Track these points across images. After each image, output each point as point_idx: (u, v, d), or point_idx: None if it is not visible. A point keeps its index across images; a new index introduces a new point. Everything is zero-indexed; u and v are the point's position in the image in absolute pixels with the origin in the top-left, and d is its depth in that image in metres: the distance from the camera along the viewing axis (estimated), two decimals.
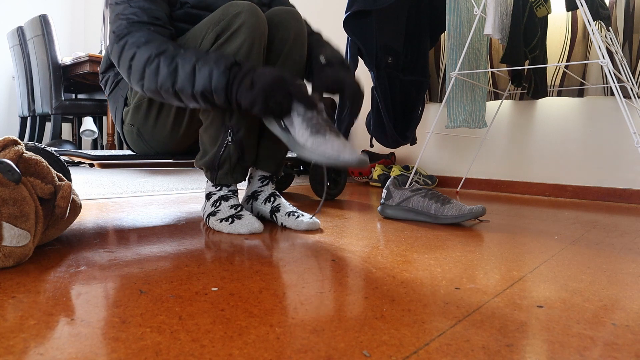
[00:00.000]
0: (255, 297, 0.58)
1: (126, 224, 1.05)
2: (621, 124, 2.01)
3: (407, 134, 2.21)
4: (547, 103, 2.21)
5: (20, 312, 0.49)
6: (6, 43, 3.88)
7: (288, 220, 1.05)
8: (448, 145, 2.52)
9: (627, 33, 1.93)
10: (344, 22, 1.91)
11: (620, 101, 1.41)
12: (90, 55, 2.75)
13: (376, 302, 0.57)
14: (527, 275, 0.73)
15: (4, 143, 0.72)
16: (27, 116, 3.25)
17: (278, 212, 1.08)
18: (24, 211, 0.65)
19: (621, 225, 1.31)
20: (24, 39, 3.07)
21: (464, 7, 1.85)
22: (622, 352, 0.45)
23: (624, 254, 0.91)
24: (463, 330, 0.49)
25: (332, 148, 0.81)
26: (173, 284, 0.61)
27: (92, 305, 0.52)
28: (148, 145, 1.16)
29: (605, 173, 2.05)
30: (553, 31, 2.12)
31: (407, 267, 0.75)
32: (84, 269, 0.67)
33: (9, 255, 0.63)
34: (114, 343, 0.43)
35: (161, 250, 0.80)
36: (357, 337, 0.46)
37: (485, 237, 1.05)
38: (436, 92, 2.50)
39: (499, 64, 2.25)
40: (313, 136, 0.84)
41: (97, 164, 1.04)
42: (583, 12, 1.46)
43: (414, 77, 2.21)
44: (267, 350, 0.43)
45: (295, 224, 1.03)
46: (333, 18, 2.88)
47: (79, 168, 2.65)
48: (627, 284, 0.69)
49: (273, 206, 1.09)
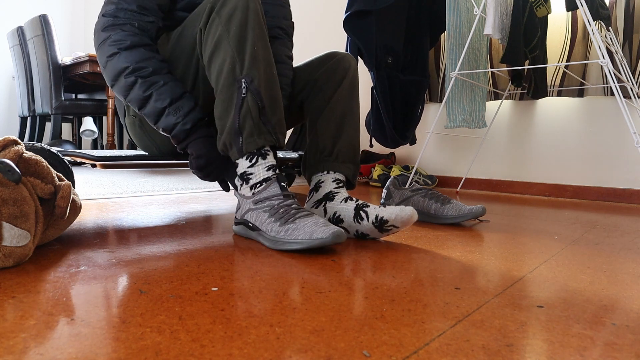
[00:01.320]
0: (255, 297, 0.57)
1: (126, 224, 1.05)
2: (621, 124, 2.01)
3: (406, 134, 2.21)
4: (547, 103, 2.21)
5: (20, 312, 0.49)
6: (6, 43, 3.88)
7: (386, 212, 0.92)
8: (448, 145, 2.52)
9: (627, 33, 1.93)
10: (344, 22, 1.91)
11: (620, 101, 1.41)
12: (90, 55, 2.75)
13: (376, 302, 0.57)
14: (527, 275, 0.73)
15: (4, 143, 0.72)
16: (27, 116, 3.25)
17: (368, 208, 0.94)
18: (24, 211, 0.65)
19: (621, 225, 1.31)
20: (24, 39, 3.07)
21: (463, 7, 1.85)
22: (622, 352, 0.45)
23: (624, 254, 0.91)
24: (463, 330, 0.49)
25: (305, 232, 0.80)
26: (173, 284, 0.61)
27: (92, 305, 0.52)
28: (150, 138, 1.12)
29: (605, 173, 2.05)
30: (553, 31, 2.12)
31: (407, 266, 0.75)
32: (84, 268, 0.67)
33: (9, 255, 0.63)
34: (114, 343, 0.43)
35: (161, 250, 0.80)
36: (357, 337, 0.46)
37: (485, 237, 1.05)
38: (436, 92, 2.50)
39: (499, 64, 2.25)
40: (283, 226, 0.83)
41: (100, 164, 1.04)
42: (583, 12, 1.46)
43: (413, 77, 2.21)
44: (267, 350, 0.43)
45: (400, 213, 0.91)
46: (333, 18, 2.88)
47: (80, 168, 2.65)
48: (627, 284, 0.69)
49: (358, 204, 0.96)
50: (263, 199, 0.88)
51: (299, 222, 0.82)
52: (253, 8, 0.88)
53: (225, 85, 0.88)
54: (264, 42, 0.90)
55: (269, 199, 0.88)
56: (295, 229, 0.82)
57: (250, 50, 0.87)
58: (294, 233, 0.81)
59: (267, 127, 0.89)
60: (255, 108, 0.88)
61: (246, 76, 0.87)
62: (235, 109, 0.88)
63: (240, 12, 0.87)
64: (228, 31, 0.87)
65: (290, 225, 0.83)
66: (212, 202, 1.48)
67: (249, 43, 0.87)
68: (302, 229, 0.81)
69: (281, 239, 0.82)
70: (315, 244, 0.79)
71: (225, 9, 0.88)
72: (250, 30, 0.88)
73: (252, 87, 0.87)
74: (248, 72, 0.87)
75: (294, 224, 0.82)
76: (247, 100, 0.87)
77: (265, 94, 0.89)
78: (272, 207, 0.87)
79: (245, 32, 0.88)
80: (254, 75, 0.88)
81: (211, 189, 1.88)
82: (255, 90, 0.87)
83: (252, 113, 0.88)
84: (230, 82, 0.88)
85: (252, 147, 0.88)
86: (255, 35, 0.88)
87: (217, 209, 1.35)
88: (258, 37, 0.88)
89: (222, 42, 0.87)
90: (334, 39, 2.87)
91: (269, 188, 0.88)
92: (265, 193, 0.88)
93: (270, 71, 0.90)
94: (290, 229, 0.82)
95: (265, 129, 0.89)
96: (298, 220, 0.83)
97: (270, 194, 0.88)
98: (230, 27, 0.87)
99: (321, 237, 0.79)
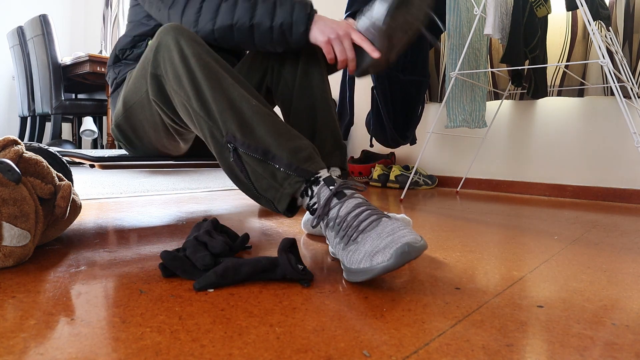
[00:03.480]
0: (255, 297, 0.57)
1: (126, 224, 1.05)
2: (621, 124, 2.01)
3: (407, 133, 2.21)
4: (547, 103, 2.21)
5: (20, 312, 0.49)
6: (6, 43, 3.88)
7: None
8: (448, 145, 2.52)
9: (627, 33, 1.93)
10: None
11: (620, 101, 1.41)
12: (90, 55, 2.75)
13: (376, 302, 0.57)
14: (527, 275, 0.73)
15: (4, 143, 0.72)
16: (27, 116, 3.25)
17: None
18: (24, 211, 0.65)
19: (621, 225, 1.31)
20: (24, 38, 3.07)
21: (463, 7, 1.85)
22: (622, 352, 0.45)
23: (624, 254, 0.91)
24: (463, 330, 0.49)
25: (365, 252, 0.63)
26: (173, 284, 0.61)
27: (92, 305, 0.52)
28: (138, 139, 1.06)
29: (605, 173, 2.05)
30: (553, 31, 2.12)
31: (406, 266, 0.75)
32: (84, 268, 0.67)
33: (9, 255, 0.63)
34: (114, 343, 0.43)
35: (161, 250, 0.80)
36: (357, 337, 0.46)
37: (485, 237, 1.05)
38: (436, 92, 2.50)
39: (499, 64, 2.25)
40: (346, 249, 0.66)
41: (98, 165, 1.04)
42: (583, 12, 1.46)
43: (413, 77, 2.21)
44: (267, 350, 0.43)
45: None
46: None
47: (79, 168, 2.65)
48: (627, 284, 0.69)
49: None
50: (322, 215, 0.70)
51: (362, 237, 0.64)
52: (181, 44, 0.77)
53: (220, 155, 0.77)
54: (214, 76, 0.76)
55: (325, 212, 0.70)
56: (356, 251, 0.64)
57: (213, 103, 0.75)
58: (354, 256, 0.64)
59: (286, 169, 0.72)
60: (259, 163, 0.73)
61: (227, 136, 0.74)
62: (245, 176, 0.75)
63: (178, 61, 0.77)
64: (186, 95, 0.77)
65: (352, 246, 0.65)
66: (212, 202, 1.48)
67: (208, 95, 0.75)
68: (364, 249, 0.63)
69: (347, 268, 0.65)
70: (376, 272, 0.60)
71: (161, 67, 0.80)
72: (201, 79, 0.75)
73: (239, 143, 0.73)
74: (226, 130, 0.74)
75: (355, 244, 0.65)
76: (245, 161, 0.74)
77: (258, 134, 0.73)
78: (333, 220, 0.69)
79: (197, 85, 0.76)
80: (232, 129, 0.73)
81: (211, 189, 1.88)
82: (244, 144, 0.73)
83: (259, 170, 0.73)
84: (220, 150, 0.76)
85: (286, 200, 0.72)
86: (205, 78, 0.75)
87: (217, 208, 1.35)
88: (206, 77, 0.75)
89: (187, 109, 0.78)
90: None
91: (321, 197, 0.70)
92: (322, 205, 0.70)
93: (244, 104, 0.74)
94: (351, 251, 0.65)
95: (284, 174, 0.72)
96: (362, 236, 0.65)
97: (323, 203, 0.69)
98: (183, 87, 0.77)
99: (382, 263, 0.59)
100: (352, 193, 0.70)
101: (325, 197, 0.69)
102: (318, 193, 0.70)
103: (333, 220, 0.68)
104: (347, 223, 0.66)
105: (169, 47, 0.78)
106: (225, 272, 0.61)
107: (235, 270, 0.61)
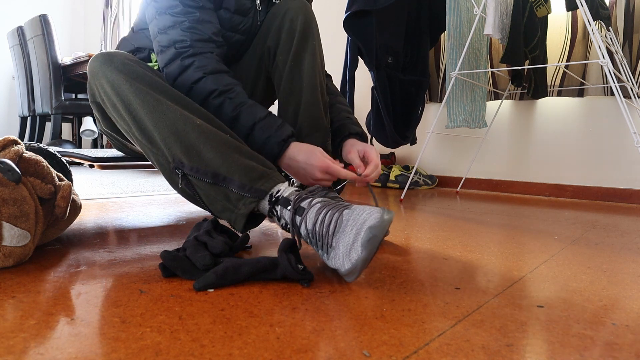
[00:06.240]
0: (255, 297, 0.57)
1: (126, 224, 1.05)
2: (621, 124, 2.01)
3: (407, 133, 2.21)
4: (547, 103, 2.21)
5: (20, 312, 0.49)
6: (6, 43, 3.88)
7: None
8: (448, 145, 2.52)
9: (627, 33, 1.93)
10: (344, 21, 1.90)
11: (620, 101, 1.41)
12: (90, 55, 2.75)
13: (376, 302, 0.57)
14: (527, 275, 0.73)
15: (4, 143, 0.72)
16: (27, 116, 3.25)
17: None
18: (24, 211, 0.65)
19: (621, 225, 1.31)
20: (24, 38, 3.07)
21: (464, 7, 1.85)
22: (622, 352, 0.45)
23: (624, 254, 0.91)
24: (463, 330, 0.49)
25: (342, 253, 0.64)
26: (173, 284, 0.61)
27: (92, 305, 0.52)
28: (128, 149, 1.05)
29: (605, 173, 2.05)
30: (553, 31, 2.11)
31: (406, 266, 0.75)
32: (84, 268, 0.67)
33: (9, 255, 0.63)
34: (114, 343, 0.43)
35: (161, 250, 0.80)
36: (357, 337, 0.46)
37: (485, 237, 1.05)
38: (436, 92, 2.50)
39: (499, 64, 2.25)
40: (327, 252, 0.67)
41: (98, 165, 1.04)
42: (583, 12, 1.46)
43: (414, 77, 2.21)
44: (267, 350, 0.43)
45: None
46: (333, 18, 2.88)
47: (79, 168, 2.65)
48: (627, 284, 0.69)
49: None
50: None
51: (335, 240, 0.65)
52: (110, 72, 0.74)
53: (170, 182, 0.77)
54: (150, 101, 0.73)
55: (298, 233, 0.70)
56: (336, 256, 0.64)
57: (154, 130, 0.73)
58: (337, 261, 0.64)
59: (239, 190, 0.71)
60: (210, 186, 0.72)
61: (175, 162, 0.73)
62: (199, 200, 0.76)
63: (110, 90, 0.75)
64: (126, 124, 0.75)
65: (332, 252, 0.66)
66: None
67: (147, 123, 0.73)
68: (340, 252, 0.64)
69: (340, 273, 0.65)
70: (359, 268, 0.61)
71: (97, 96, 0.78)
72: (137, 106, 0.73)
73: (187, 169, 0.72)
74: (172, 156, 0.73)
75: (333, 249, 0.65)
76: (196, 185, 0.73)
77: (206, 156, 0.71)
78: (307, 237, 0.69)
79: (134, 113, 0.73)
80: (178, 155, 0.73)
81: None
82: (192, 168, 0.72)
83: (212, 193, 0.73)
84: (169, 176, 0.76)
85: (242, 221, 0.73)
86: (140, 104, 0.73)
87: None
88: (142, 103, 0.73)
89: (131, 137, 0.77)
90: (334, 38, 2.86)
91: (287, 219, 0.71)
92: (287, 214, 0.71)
93: (188, 126, 0.72)
94: (333, 257, 0.65)
95: (237, 195, 0.72)
96: (335, 239, 0.65)
97: (291, 225, 0.70)
98: (121, 115, 0.75)
99: (358, 258, 0.61)
100: (309, 202, 0.69)
101: (289, 219, 0.70)
102: (282, 215, 0.71)
103: (307, 238, 0.69)
104: (318, 235, 0.66)
105: (98, 76, 0.76)
106: (225, 272, 0.61)
107: (235, 270, 0.62)
